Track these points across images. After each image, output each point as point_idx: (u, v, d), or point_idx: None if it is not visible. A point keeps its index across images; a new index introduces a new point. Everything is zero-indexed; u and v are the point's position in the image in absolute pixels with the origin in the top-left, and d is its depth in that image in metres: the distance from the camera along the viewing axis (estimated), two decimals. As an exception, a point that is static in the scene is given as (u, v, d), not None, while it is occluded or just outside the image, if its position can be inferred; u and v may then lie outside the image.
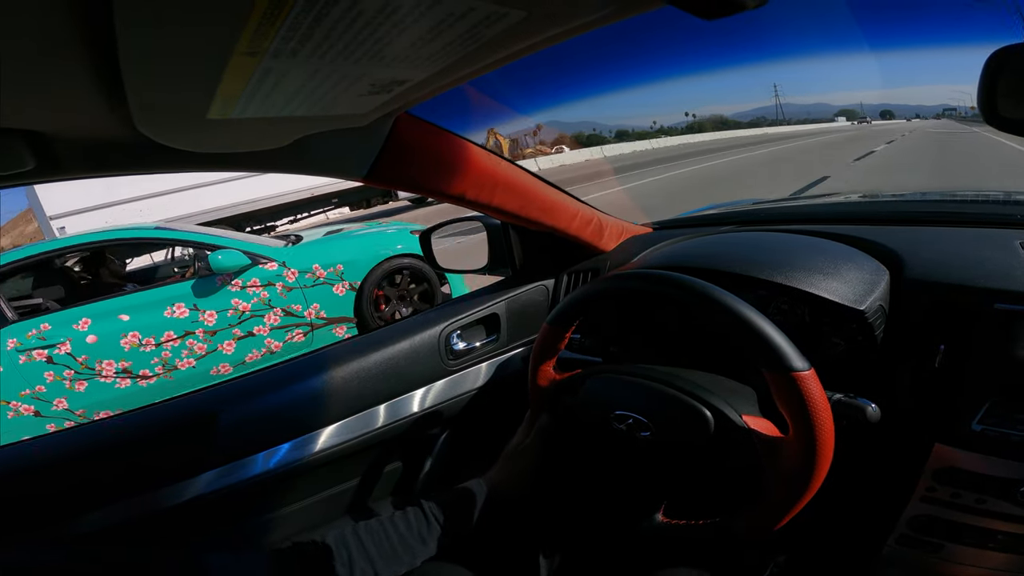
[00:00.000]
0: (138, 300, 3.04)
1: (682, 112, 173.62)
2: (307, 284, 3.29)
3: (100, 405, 2.94)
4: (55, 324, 2.85)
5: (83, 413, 2.92)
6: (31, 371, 2.80)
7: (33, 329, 2.80)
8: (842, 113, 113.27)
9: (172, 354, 3.05)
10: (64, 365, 2.84)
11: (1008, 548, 0.64)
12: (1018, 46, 0.56)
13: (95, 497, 0.75)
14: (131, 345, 2.96)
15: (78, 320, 2.89)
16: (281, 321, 3.26)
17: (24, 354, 2.78)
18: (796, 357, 0.57)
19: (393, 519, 0.68)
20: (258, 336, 3.23)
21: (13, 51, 0.29)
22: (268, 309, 3.22)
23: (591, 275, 1.10)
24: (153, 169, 0.58)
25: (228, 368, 3.22)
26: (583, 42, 61.72)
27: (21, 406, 2.81)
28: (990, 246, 0.75)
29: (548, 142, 49.88)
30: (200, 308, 3.09)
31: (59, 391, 2.86)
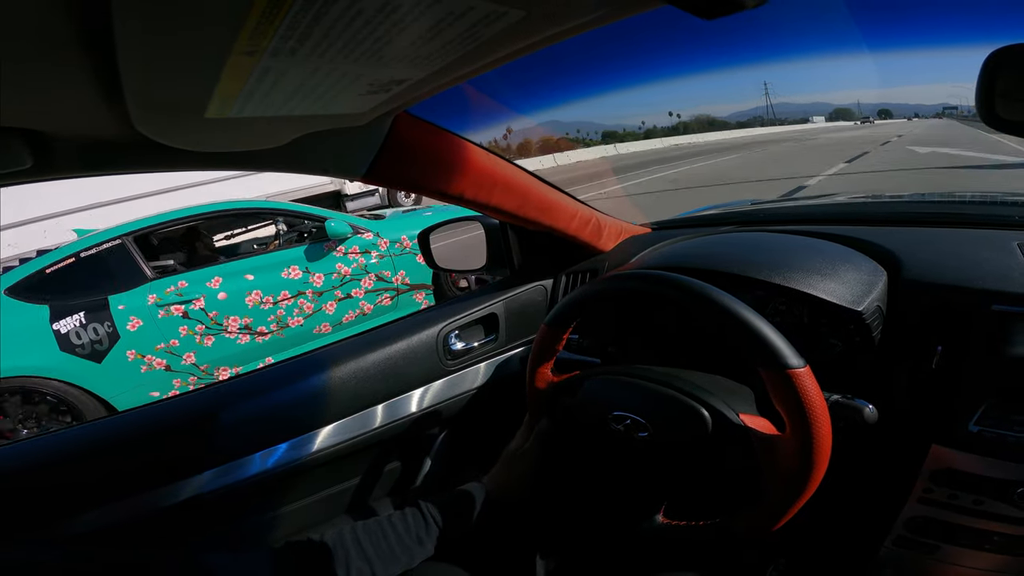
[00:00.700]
0: (261, 261, 3.30)
1: (664, 112, 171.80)
2: (395, 253, 3.60)
3: (221, 361, 3.14)
4: (191, 281, 3.06)
5: (206, 368, 3.12)
6: (167, 326, 2.98)
7: (171, 286, 3.00)
8: (837, 113, 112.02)
9: (285, 312, 3.28)
10: (197, 320, 3.05)
11: (1005, 549, 0.64)
12: (1015, 47, 0.56)
13: (93, 496, 0.75)
14: (254, 302, 3.18)
15: (211, 278, 3.11)
16: (374, 285, 3.54)
17: (163, 309, 2.97)
18: (791, 355, 0.57)
19: (391, 519, 0.68)
20: (355, 298, 3.50)
21: (11, 50, 0.29)
22: (364, 274, 3.51)
23: (590, 275, 1.10)
24: (151, 168, 0.58)
25: (328, 328, 3.44)
26: (578, 42, 61.49)
27: (155, 360, 2.99)
28: (988, 247, 0.75)
29: (514, 147, 49.77)
30: (311, 271, 3.35)
31: (190, 345, 3.05)
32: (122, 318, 2.91)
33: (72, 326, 2.82)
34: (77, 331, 2.83)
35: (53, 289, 2.86)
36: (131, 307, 2.94)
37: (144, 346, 2.96)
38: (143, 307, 2.95)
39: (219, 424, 0.84)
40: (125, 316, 2.91)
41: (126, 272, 2.97)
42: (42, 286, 2.86)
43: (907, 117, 66.92)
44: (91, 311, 2.86)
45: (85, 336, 2.84)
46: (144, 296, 2.96)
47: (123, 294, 2.94)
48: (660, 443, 0.66)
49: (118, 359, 2.91)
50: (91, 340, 2.84)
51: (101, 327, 2.86)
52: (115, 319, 2.89)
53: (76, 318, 2.83)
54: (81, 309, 2.85)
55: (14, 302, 2.80)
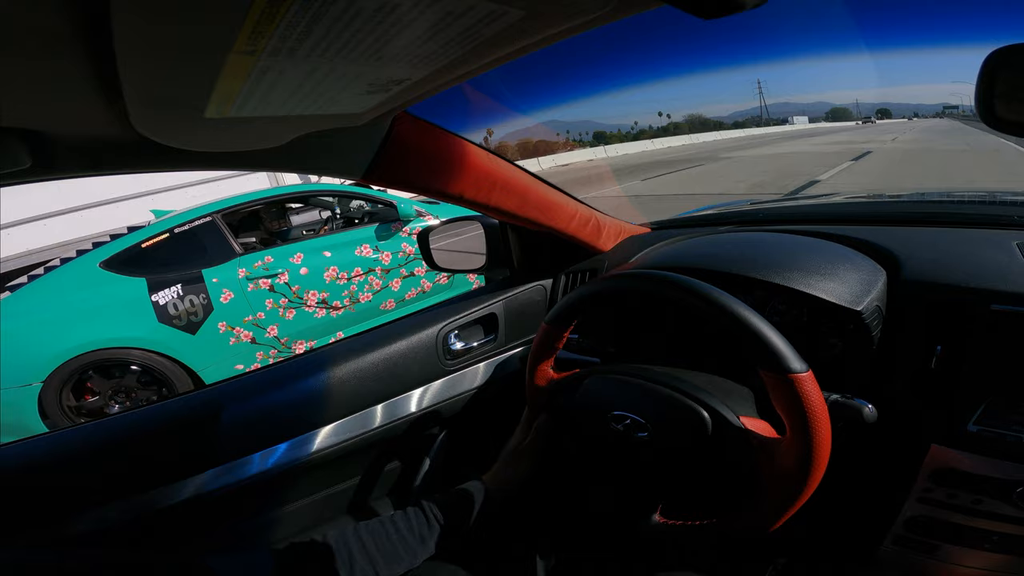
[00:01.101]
0: (338, 239, 3.44)
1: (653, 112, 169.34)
2: None
3: (299, 334, 3.28)
4: (276, 256, 3.20)
5: (286, 341, 3.25)
6: (256, 298, 3.12)
7: (259, 260, 3.15)
8: (835, 113, 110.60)
9: (357, 288, 3.43)
10: (281, 294, 3.18)
11: (1004, 549, 0.64)
12: (1015, 47, 0.56)
13: (94, 496, 0.75)
14: (331, 278, 3.33)
15: (293, 254, 3.25)
16: None
17: (252, 282, 3.11)
18: (794, 359, 0.57)
19: (394, 519, 0.68)
20: (417, 276, 3.65)
21: (10, 49, 0.29)
22: None
23: (589, 275, 1.10)
24: (150, 168, 0.58)
25: (392, 304, 3.59)
26: (574, 43, 61.14)
27: (243, 332, 3.11)
28: (987, 247, 0.75)
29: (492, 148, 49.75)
30: (380, 249, 3.51)
31: (274, 318, 3.18)
32: (216, 290, 3.02)
33: (169, 298, 2.91)
34: (174, 303, 2.92)
35: (149, 263, 2.95)
36: (224, 280, 3.05)
37: (234, 318, 3.08)
38: (234, 280, 3.07)
39: (219, 424, 0.83)
40: (219, 289, 3.03)
41: (217, 247, 3.10)
42: (138, 260, 2.94)
43: (907, 117, 65.96)
44: (187, 284, 2.96)
45: (182, 307, 2.94)
46: (235, 270, 3.09)
47: (216, 268, 3.05)
48: (659, 444, 0.66)
49: (210, 331, 3.01)
50: (187, 311, 2.95)
51: (197, 299, 2.97)
52: (210, 291, 3.00)
53: (173, 290, 2.92)
54: (178, 282, 2.94)
55: (110, 275, 2.88)
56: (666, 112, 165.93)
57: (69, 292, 2.84)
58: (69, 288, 2.85)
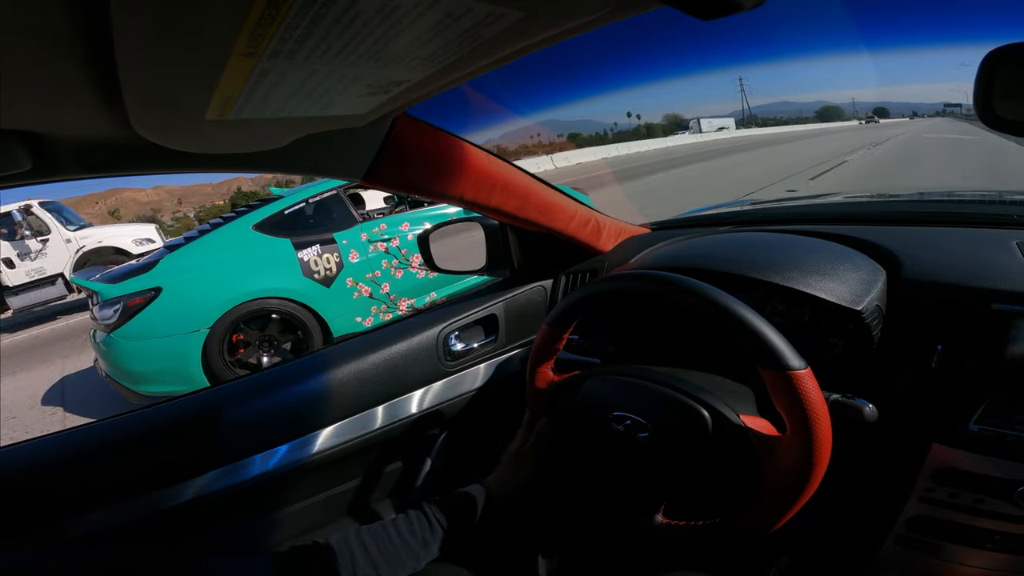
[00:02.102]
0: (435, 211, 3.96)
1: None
2: None
3: (405, 292, 3.80)
4: (388, 224, 3.78)
5: (394, 298, 3.77)
6: (375, 259, 3.69)
7: (376, 227, 3.73)
8: (825, 112, 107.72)
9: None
10: (393, 255, 3.74)
11: (1005, 548, 0.64)
12: (1013, 46, 0.56)
13: (94, 498, 0.75)
14: None
15: (401, 223, 3.82)
16: None
17: (372, 245, 3.69)
18: (792, 356, 0.57)
19: (396, 522, 0.67)
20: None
21: (10, 51, 0.29)
22: None
23: (589, 276, 1.10)
24: (150, 170, 0.58)
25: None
26: (570, 44, 60.12)
27: (363, 288, 3.66)
28: (987, 246, 0.75)
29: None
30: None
31: (387, 276, 3.74)
32: (345, 251, 3.59)
33: (312, 256, 3.48)
34: (315, 259, 3.48)
35: (290, 227, 3.51)
36: (351, 242, 3.63)
37: (358, 275, 3.62)
38: (359, 242, 3.65)
39: (220, 426, 0.83)
40: (347, 249, 3.60)
41: (343, 215, 3.69)
42: (282, 224, 3.50)
43: (903, 116, 64.25)
44: (323, 244, 3.53)
45: (320, 264, 3.49)
46: (358, 234, 3.66)
47: (344, 232, 3.63)
48: (660, 444, 0.66)
49: (341, 285, 3.56)
50: (325, 268, 3.51)
51: (332, 257, 3.54)
52: (341, 251, 3.57)
53: (314, 249, 3.49)
54: (317, 243, 3.51)
55: (262, 236, 3.44)
56: (635, 113, 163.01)
57: (228, 250, 3.38)
58: (228, 246, 3.40)
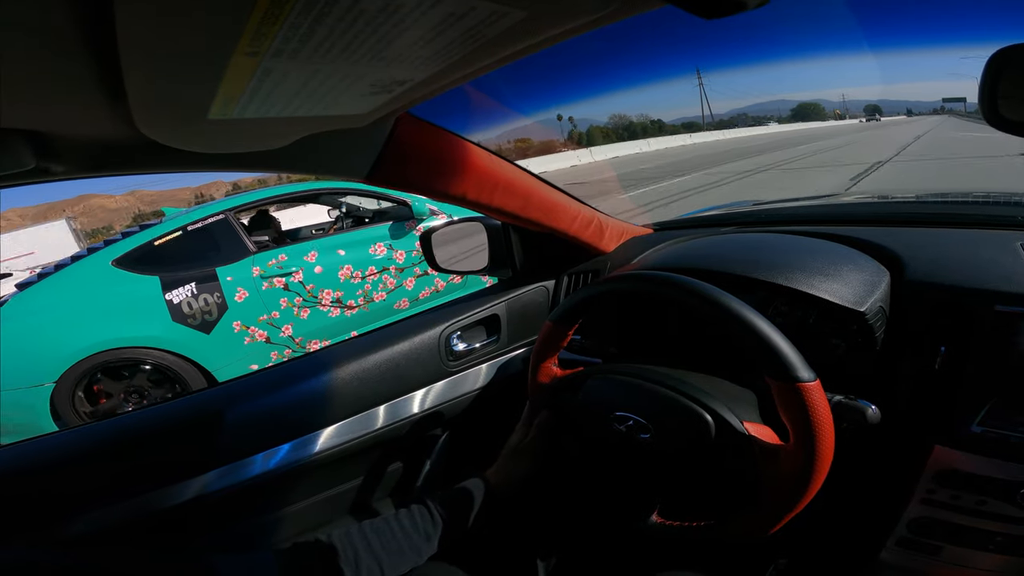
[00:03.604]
0: (351, 238, 3.44)
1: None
2: None
3: (314, 334, 3.26)
4: (290, 255, 3.18)
5: (300, 341, 3.23)
6: (270, 297, 3.09)
7: (273, 259, 3.12)
8: (800, 110, 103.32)
9: (371, 287, 3.42)
10: (296, 292, 3.16)
11: (1007, 550, 0.64)
12: (1019, 47, 0.56)
13: (96, 498, 0.75)
14: (345, 276, 3.31)
15: (307, 252, 3.23)
16: None
17: (266, 281, 3.08)
18: (802, 367, 0.57)
19: (398, 517, 0.68)
20: (431, 275, 3.63)
21: (14, 50, 0.29)
22: None
23: (592, 276, 1.10)
24: (154, 169, 0.58)
25: (407, 303, 3.59)
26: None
27: (257, 332, 3.09)
28: (990, 248, 0.75)
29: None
30: (394, 248, 3.49)
31: (288, 318, 3.16)
32: (230, 289, 2.99)
33: (184, 296, 2.88)
34: (189, 301, 2.89)
35: (162, 261, 2.91)
36: (238, 278, 3.02)
37: (249, 317, 3.05)
38: (248, 279, 3.04)
39: (222, 425, 0.84)
40: (233, 287, 3.00)
41: (231, 245, 3.06)
42: (151, 258, 2.90)
43: (899, 114, 61.44)
44: (201, 282, 2.93)
45: (196, 306, 2.91)
46: (249, 268, 3.06)
47: (230, 266, 3.02)
48: (661, 446, 0.66)
49: (225, 330, 2.98)
50: (202, 311, 2.92)
51: (211, 297, 2.94)
52: (224, 290, 2.97)
53: (188, 288, 2.89)
54: (192, 280, 2.91)
55: (123, 273, 2.83)
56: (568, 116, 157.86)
57: (81, 290, 2.80)
58: (81, 286, 2.81)
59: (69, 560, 0.44)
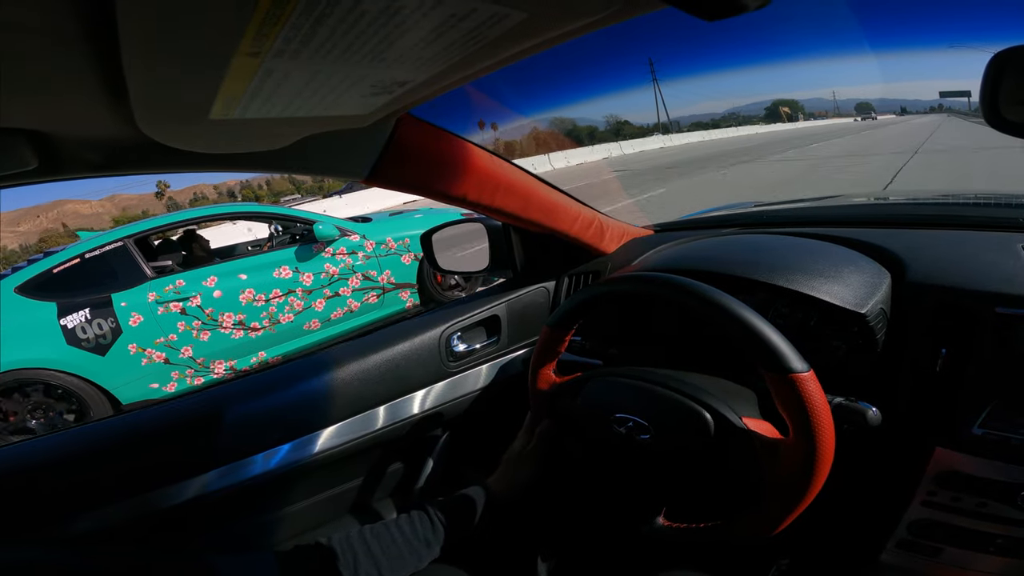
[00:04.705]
0: (254, 262, 3.59)
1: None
2: (381, 254, 3.94)
3: (217, 355, 3.42)
4: (188, 280, 3.34)
5: (203, 361, 3.39)
6: (166, 321, 3.25)
7: (170, 284, 3.28)
8: (773, 109, 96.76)
9: (277, 309, 3.58)
10: (194, 316, 3.33)
11: (1008, 552, 0.64)
12: (1019, 48, 0.56)
13: (96, 498, 0.75)
14: (247, 300, 3.47)
15: (206, 277, 3.39)
16: (360, 284, 3.87)
17: (162, 306, 3.25)
18: (795, 358, 0.57)
19: (398, 522, 0.68)
20: (343, 296, 3.80)
21: (16, 50, 0.29)
22: (351, 273, 3.83)
23: (592, 277, 1.10)
24: (156, 169, 0.58)
25: (317, 324, 3.74)
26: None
27: (155, 353, 3.26)
28: (991, 249, 0.75)
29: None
30: (300, 271, 3.65)
31: (187, 340, 3.33)
32: (124, 314, 3.15)
33: (78, 321, 3.06)
34: (83, 326, 3.06)
35: (60, 287, 3.09)
36: (132, 304, 3.18)
37: (145, 340, 3.20)
38: (143, 304, 3.21)
39: (222, 425, 0.84)
40: (127, 312, 3.16)
41: (128, 272, 3.22)
42: (49, 285, 3.08)
43: (893, 113, 58.84)
44: (96, 308, 3.09)
45: (90, 331, 3.07)
46: (144, 294, 3.22)
47: (125, 292, 3.18)
48: (662, 446, 0.66)
49: (121, 352, 3.14)
50: (96, 335, 3.08)
51: (105, 322, 3.11)
52: (118, 315, 3.14)
53: (82, 314, 3.06)
54: (87, 306, 3.08)
55: (23, 299, 3.03)
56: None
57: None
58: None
59: (71, 560, 0.44)
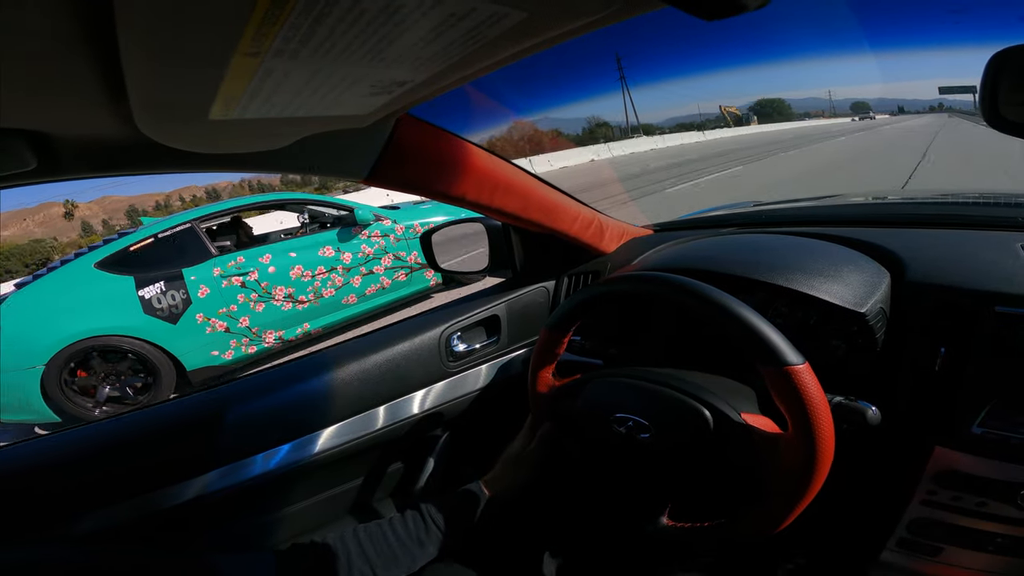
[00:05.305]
0: (302, 242, 4.03)
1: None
2: (409, 236, 4.41)
3: (268, 325, 3.86)
4: (247, 257, 3.79)
5: (257, 331, 3.82)
6: (228, 293, 3.69)
7: (232, 260, 3.74)
8: (759, 107, 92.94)
9: (321, 284, 4.02)
10: (251, 289, 3.77)
11: (1007, 551, 0.64)
12: (1017, 48, 0.56)
13: (96, 498, 0.75)
14: (296, 275, 3.92)
15: (262, 255, 3.84)
16: (392, 264, 4.35)
17: (225, 280, 3.69)
18: (790, 351, 0.57)
19: (392, 522, 0.68)
20: (376, 274, 4.27)
21: (15, 50, 0.29)
22: (384, 254, 4.31)
23: (592, 277, 1.10)
24: (155, 169, 0.58)
25: (354, 299, 4.19)
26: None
27: (217, 323, 3.68)
28: (991, 249, 0.75)
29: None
30: (341, 250, 4.12)
31: (245, 311, 3.76)
32: (194, 287, 3.60)
33: (153, 293, 3.50)
34: (158, 296, 3.50)
35: (136, 263, 3.53)
36: (200, 278, 3.63)
37: (210, 310, 3.63)
38: (209, 278, 3.65)
39: (222, 425, 0.84)
40: (196, 285, 3.60)
41: (195, 249, 3.69)
42: (126, 261, 3.53)
43: (890, 112, 57.59)
44: (169, 281, 3.54)
45: (164, 301, 3.52)
46: (210, 269, 3.66)
47: (194, 267, 3.63)
48: (662, 444, 0.66)
49: (189, 321, 3.57)
50: (169, 305, 3.53)
51: (177, 294, 3.55)
52: (188, 287, 3.58)
53: (157, 286, 3.51)
54: (161, 279, 3.52)
55: (104, 274, 3.47)
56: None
57: (68, 288, 3.39)
58: (68, 285, 3.41)
59: (75, 559, 0.44)
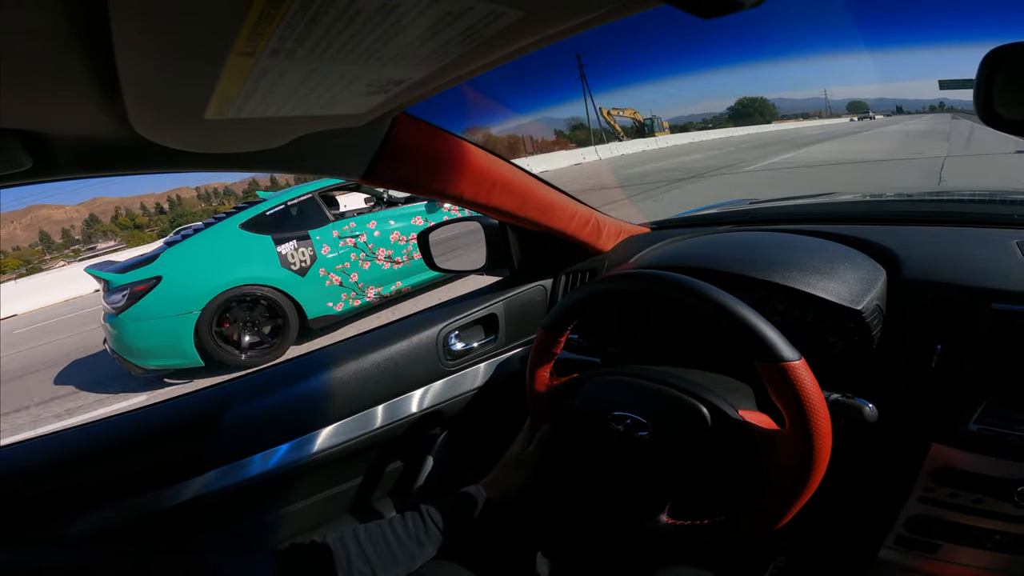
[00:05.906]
0: (400, 212, 4.78)
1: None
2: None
3: (371, 282, 4.54)
4: (357, 223, 4.54)
5: (362, 286, 4.50)
6: (344, 252, 4.42)
7: (346, 225, 4.50)
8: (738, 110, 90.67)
9: (412, 248, 4.60)
10: (361, 249, 4.49)
11: (1005, 548, 0.64)
12: (1013, 46, 0.56)
13: (96, 497, 0.75)
14: (395, 239, 4.66)
15: (369, 221, 4.60)
16: None
17: (342, 240, 4.44)
18: (785, 347, 0.57)
19: (391, 522, 0.68)
20: None
21: (9, 50, 0.29)
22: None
23: (589, 275, 1.10)
24: (151, 169, 0.58)
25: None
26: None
27: (335, 278, 4.38)
28: (987, 246, 0.75)
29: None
30: (428, 220, 4.77)
31: (355, 268, 4.48)
32: (319, 246, 4.33)
33: (288, 249, 4.22)
34: (291, 252, 4.22)
35: (272, 226, 4.26)
36: (324, 238, 4.36)
37: (330, 266, 4.34)
38: (330, 238, 4.39)
39: (220, 425, 0.84)
40: (320, 244, 4.34)
41: (317, 215, 4.44)
42: (264, 223, 4.26)
43: (886, 113, 55.90)
44: (299, 240, 4.28)
45: (296, 256, 4.23)
46: (330, 231, 4.41)
47: (318, 229, 4.37)
48: (661, 442, 0.67)
49: (315, 275, 4.28)
50: (300, 260, 4.24)
51: (307, 251, 4.28)
52: (315, 246, 4.31)
53: (291, 244, 4.24)
54: (293, 239, 4.26)
55: (247, 233, 4.20)
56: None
57: (218, 245, 4.14)
58: (218, 242, 4.15)
59: (74, 559, 0.44)
